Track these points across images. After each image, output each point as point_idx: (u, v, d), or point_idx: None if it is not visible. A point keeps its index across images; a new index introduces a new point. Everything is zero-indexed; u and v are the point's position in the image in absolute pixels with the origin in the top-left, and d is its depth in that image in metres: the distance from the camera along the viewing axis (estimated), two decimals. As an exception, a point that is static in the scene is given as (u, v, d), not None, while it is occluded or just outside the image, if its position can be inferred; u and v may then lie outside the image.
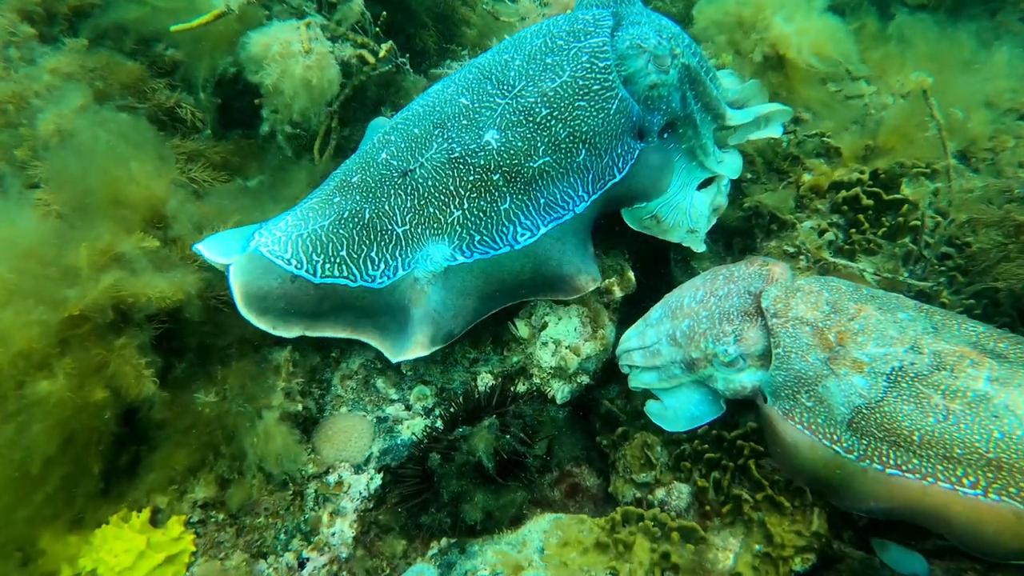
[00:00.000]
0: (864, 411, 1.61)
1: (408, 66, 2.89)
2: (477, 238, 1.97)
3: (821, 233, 2.37)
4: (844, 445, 1.63)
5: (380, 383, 2.19)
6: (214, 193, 2.17)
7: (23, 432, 1.62)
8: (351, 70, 2.61)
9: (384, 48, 2.63)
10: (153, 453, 1.85)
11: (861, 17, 3.39)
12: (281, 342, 2.09)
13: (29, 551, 1.78)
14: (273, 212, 2.13)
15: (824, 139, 2.70)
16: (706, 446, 2.02)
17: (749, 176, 2.63)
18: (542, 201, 2.00)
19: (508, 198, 1.97)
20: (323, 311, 1.94)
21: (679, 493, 2.04)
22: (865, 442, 1.61)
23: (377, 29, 2.72)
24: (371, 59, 2.50)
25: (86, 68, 2.38)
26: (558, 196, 2.02)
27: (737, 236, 2.59)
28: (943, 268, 2.21)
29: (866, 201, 2.36)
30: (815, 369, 1.68)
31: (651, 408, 2.04)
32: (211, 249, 1.88)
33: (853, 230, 2.37)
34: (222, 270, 1.91)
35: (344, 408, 2.14)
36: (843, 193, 2.41)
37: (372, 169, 2.01)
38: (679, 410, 1.96)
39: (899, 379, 1.60)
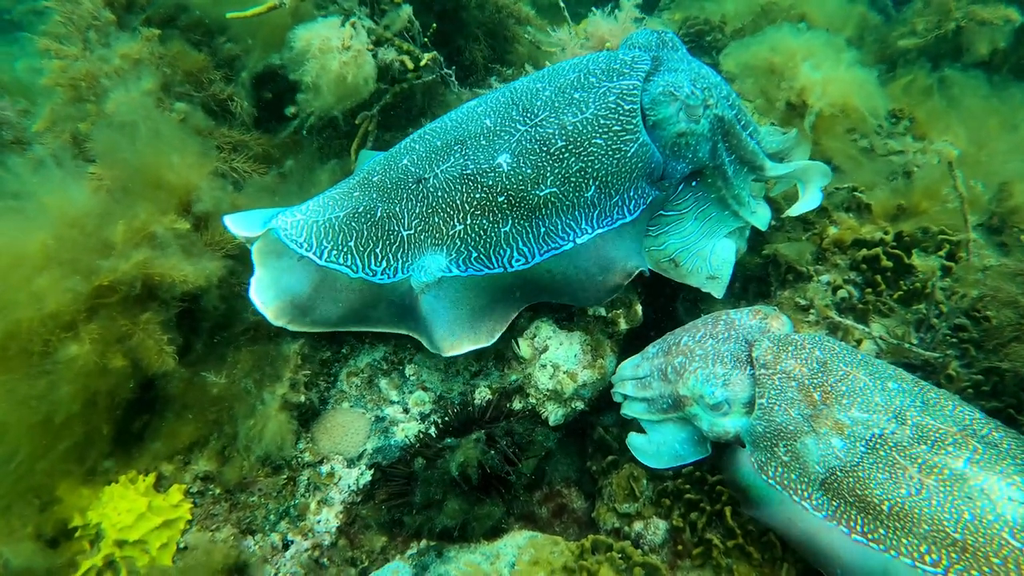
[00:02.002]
0: (839, 473, 1.62)
1: (454, 78, 2.99)
2: (474, 255, 2.04)
3: (835, 289, 2.37)
4: (813, 503, 1.64)
5: (383, 384, 2.28)
6: (251, 184, 2.30)
7: (53, 389, 1.76)
8: (394, 74, 2.72)
9: (427, 57, 2.73)
10: (163, 423, 1.98)
11: (914, 71, 3.34)
12: (295, 335, 2.21)
13: (46, 499, 1.93)
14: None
15: (856, 193, 2.68)
16: (688, 486, 2.04)
17: (773, 223, 2.63)
18: (542, 230, 2.06)
19: (510, 221, 2.04)
20: (317, 299, 2.06)
21: (656, 528, 2.07)
22: (835, 504, 1.61)
23: (426, 39, 2.83)
24: (411, 64, 2.60)
25: (155, 55, 2.56)
26: (559, 227, 2.07)
27: (753, 282, 2.60)
28: (955, 340, 2.18)
29: (885, 262, 2.34)
30: (796, 424, 1.69)
31: (633, 441, 2.07)
32: (236, 223, 2.04)
33: (869, 290, 2.36)
34: (245, 245, 2.06)
35: (346, 404, 2.24)
36: (863, 252, 2.39)
37: (392, 172, 2.12)
38: (663, 446, 1.99)
39: (878, 446, 1.60)
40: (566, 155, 2.03)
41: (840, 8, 3.98)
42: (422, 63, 2.77)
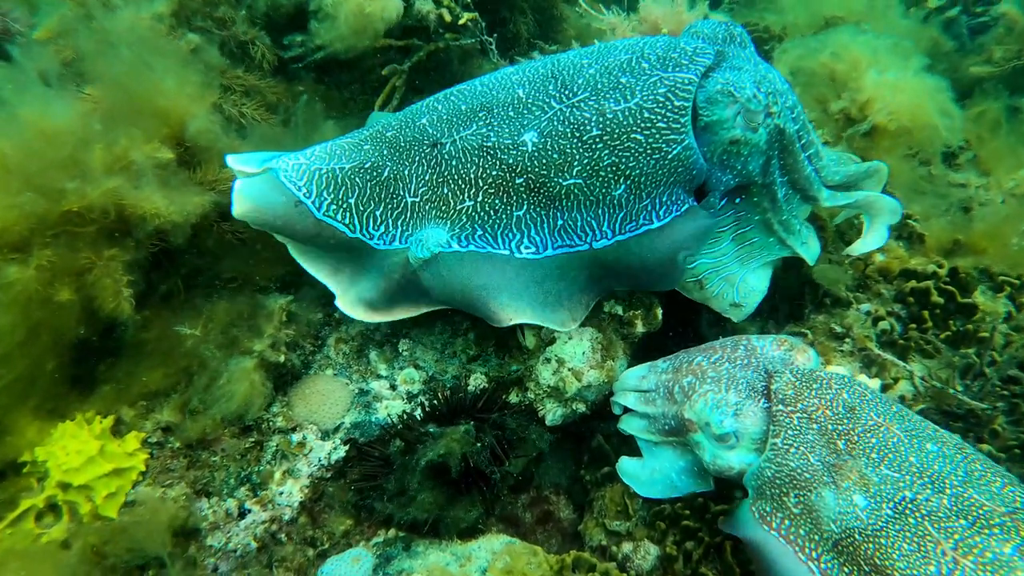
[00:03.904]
0: (857, 536, 1.40)
1: (494, 46, 2.81)
2: (479, 232, 1.86)
3: (876, 320, 2.15)
4: (821, 565, 1.44)
5: (373, 355, 2.13)
6: (256, 132, 2.14)
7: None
8: (429, 27, 2.53)
9: (467, 16, 2.55)
10: (128, 367, 1.84)
11: (987, 103, 3.07)
12: (284, 290, 2.06)
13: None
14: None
15: (909, 221, 2.45)
16: (687, 512, 1.88)
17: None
18: (559, 222, 1.86)
19: (525, 206, 1.84)
20: (312, 246, 1.89)
21: (646, 553, 1.90)
22: (847, 570, 1.41)
23: (468, 1, 2.65)
24: (448, 18, 2.42)
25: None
26: (579, 223, 1.87)
27: (785, 302, 2.39)
28: (1006, 393, 1.96)
29: (936, 298, 2.12)
30: (813, 472, 1.49)
31: (624, 466, 1.88)
32: (237, 162, 1.87)
33: (913, 326, 2.14)
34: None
35: (329, 371, 2.09)
36: (912, 283, 2.17)
37: (407, 130, 1.93)
38: (658, 473, 1.80)
39: (908, 512, 1.39)
40: (599, 146, 1.81)
41: (911, 29, 3.70)
42: (461, 22, 2.60)
